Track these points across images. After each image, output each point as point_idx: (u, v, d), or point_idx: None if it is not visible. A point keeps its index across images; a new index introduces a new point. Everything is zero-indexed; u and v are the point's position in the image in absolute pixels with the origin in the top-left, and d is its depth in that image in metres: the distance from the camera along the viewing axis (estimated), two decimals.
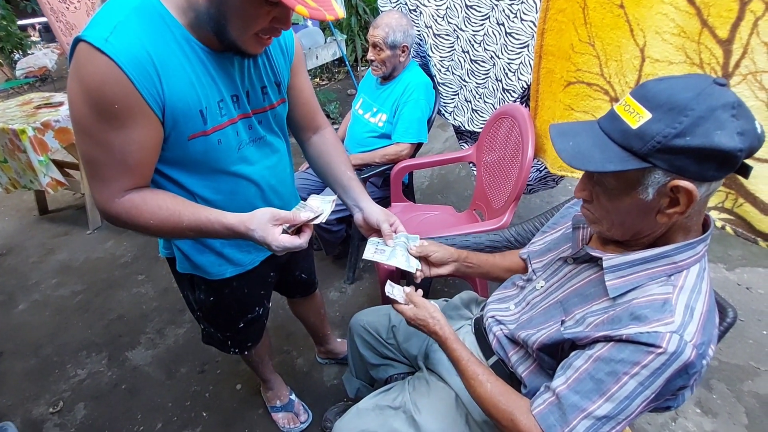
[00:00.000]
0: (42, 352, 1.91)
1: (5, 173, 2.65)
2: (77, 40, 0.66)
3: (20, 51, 6.72)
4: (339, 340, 1.73)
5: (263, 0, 0.66)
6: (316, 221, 0.82)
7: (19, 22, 7.50)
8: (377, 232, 0.97)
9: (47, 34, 8.50)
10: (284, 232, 0.77)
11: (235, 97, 0.83)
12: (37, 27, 9.09)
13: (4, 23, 6.54)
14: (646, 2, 1.00)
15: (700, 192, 0.59)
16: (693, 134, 0.55)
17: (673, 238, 0.68)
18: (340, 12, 0.69)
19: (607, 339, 0.64)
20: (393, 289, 0.92)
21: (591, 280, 0.75)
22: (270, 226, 0.75)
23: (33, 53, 6.75)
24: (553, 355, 0.76)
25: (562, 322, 0.75)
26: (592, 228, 0.77)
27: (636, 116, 0.59)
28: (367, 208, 0.98)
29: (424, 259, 0.98)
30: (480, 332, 0.99)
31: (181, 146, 0.78)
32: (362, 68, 5.13)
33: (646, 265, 0.67)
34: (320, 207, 0.85)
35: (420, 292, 0.93)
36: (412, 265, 0.93)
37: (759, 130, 0.56)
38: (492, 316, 0.96)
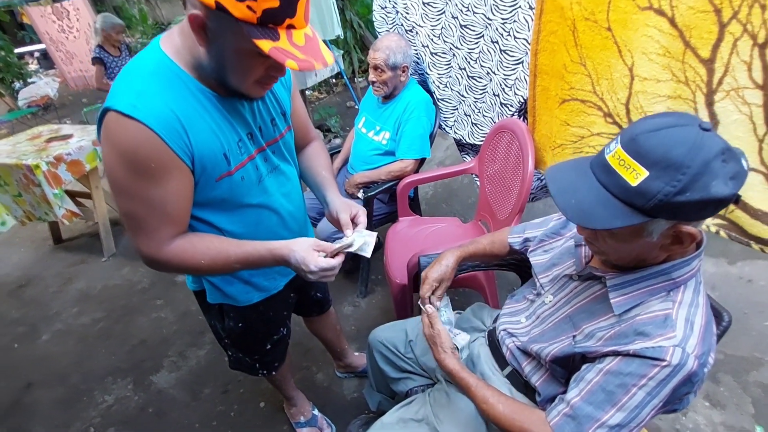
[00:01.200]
0: (69, 381, 1.97)
1: (20, 206, 2.73)
2: (105, 110, 0.72)
3: (21, 80, 6.81)
4: (356, 353, 1.79)
5: (256, 53, 0.69)
6: (350, 249, 0.89)
7: (17, 51, 7.60)
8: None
9: (45, 61, 8.61)
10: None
11: (250, 135, 0.89)
12: (35, 55, 9.21)
13: (3, 54, 6.63)
14: (632, 25, 1.07)
15: (697, 228, 0.65)
16: (692, 189, 0.58)
17: (672, 259, 0.73)
18: (329, 58, 0.72)
19: (616, 353, 0.70)
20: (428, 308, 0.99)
21: (596, 297, 0.81)
22: (311, 251, 0.84)
23: (34, 82, 6.84)
24: (565, 366, 0.82)
25: (574, 337, 0.81)
26: (597, 257, 0.83)
27: (633, 173, 0.61)
28: (332, 202, 1.04)
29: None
30: (494, 344, 1.05)
31: (210, 188, 0.85)
32: (359, 80, 5.22)
33: (646, 281, 0.73)
34: (356, 238, 0.91)
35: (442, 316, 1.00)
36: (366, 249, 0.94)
37: (745, 167, 0.60)
38: (504, 329, 1.02)
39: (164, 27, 9.52)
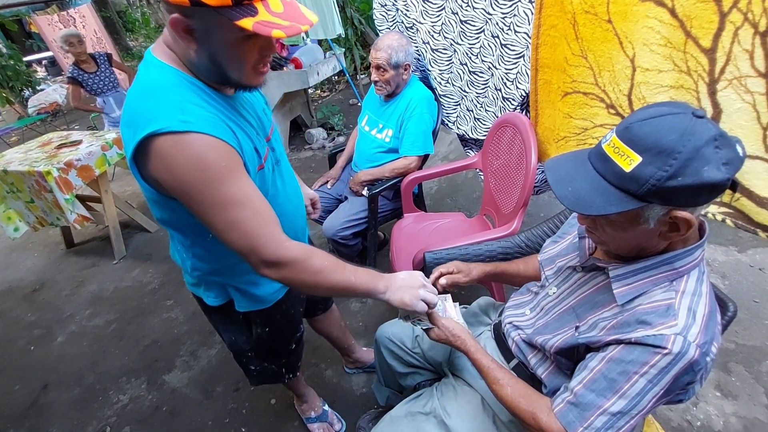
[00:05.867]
0: (84, 381, 2.02)
1: (32, 212, 2.78)
2: (150, 137, 0.69)
3: (30, 88, 6.93)
4: (364, 349, 1.81)
5: (244, 38, 0.70)
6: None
7: (25, 59, 7.73)
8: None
9: (53, 68, 8.75)
10: None
11: (256, 127, 0.91)
12: (43, 62, 9.34)
13: (12, 62, 6.76)
14: (632, 17, 1.06)
15: (695, 214, 0.65)
16: (684, 174, 0.60)
17: (673, 248, 0.74)
18: (312, 17, 0.72)
19: (618, 342, 0.71)
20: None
21: (599, 287, 0.82)
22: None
23: (43, 89, 6.96)
24: (569, 357, 0.83)
25: (577, 327, 0.82)
26: (599, 247, 0.83)
27: (627, 159, 0.63)
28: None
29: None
30: (500, 337, 1.06)
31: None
32: (361, 76, 5.22)
33: (649, 272, 0.74)
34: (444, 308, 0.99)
35: (442, 306, 1.01)
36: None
37: (741, 154, 0.61)
38: (510, 322, 1.02)
39: None
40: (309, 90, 4.28)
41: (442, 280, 1.09)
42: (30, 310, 2.60)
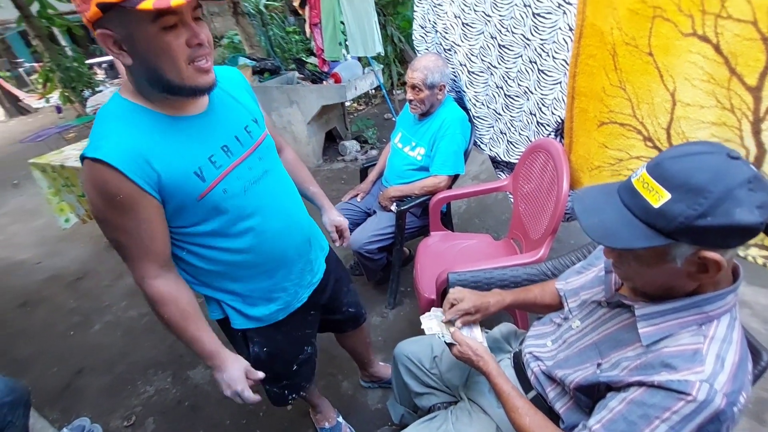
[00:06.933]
0: (115, 370, 2.13)
1: (83, 206, 2.98)
2: (82, 158, 0.80)
3: (90, 89, 7.45)
4: (382, 364, 1.81)
5: (161, 30, 0.73)
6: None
7: (87, 62, 8.34)
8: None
9: (111, 71, 9.38)
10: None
11: (225, 147, 0.91)
12: (103, 66, 10.04)
13: (76, 65, 7.31)
14: (675, 51, 1.05)
15: (726, 257, 0.63)
16: (714, 214, 0.58)
17: (704, 290, 0.71)
18: None
19: (641, 384, 0.69)
20: (431, 327, 1.00)
21: (624, 325, 0.80)
22: (243, 376, 0.99)
23: (101, 90, 7.46)
24: (589, 394, 0.81)
25: (599, 365, 0.80)
26: (624, 283, 0.82)
27: (655, 195, 0.62)
28: (324, 214, 1.33)
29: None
30: (519, 366, 1.05)
31: (196, 209, 0.89)
32: (398, 92, 5.31)
33: (677, 314, 0.71)
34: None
35: (465, 329, 1.01)
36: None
37: None
38: (530, 352, 1.01)
39: (217, 40, 10.11)
40: (346, 103, 4.40)
41: (458, 323, 1.04)
42: (72, 297, 2.77)
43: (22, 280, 3.07)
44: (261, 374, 1.01)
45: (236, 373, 0.97)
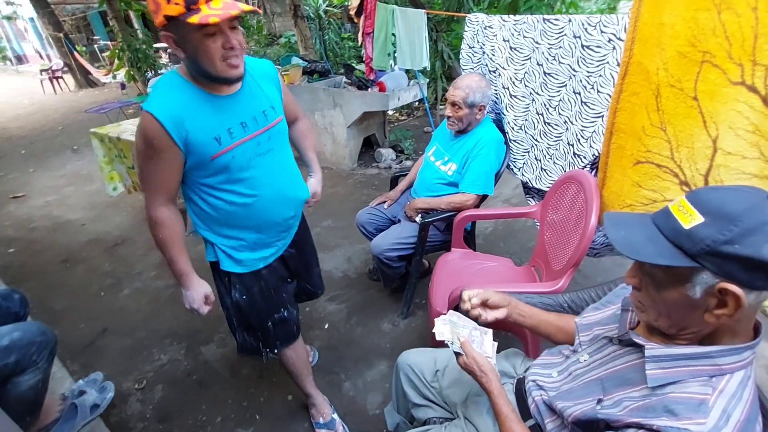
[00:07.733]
0: (136, 335, 2.25)
1: (131, 177, 3.18)
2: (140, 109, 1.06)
3: (153, 71, 7.96)
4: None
5: (203, 35, 0.98)
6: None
7: (155, 45, 8.93)
8: None
9: (174, 57, 9.97)
10: None
11: (243, 123, 1.16)
12: (168, 51, 10.70)
13: (144, 47, 7.84)
14: (721, 98, 1.03)
15: (749, 299, 0.61)
16: (742, 243, 0.58)
17: (720, 338, 0.69)
18: (242, 5, 0.99)
19: (639, 426, 0.67)
20: (443, 333, 1.01)
21: (632, 365, 0.79)
22: (202, 297, 1.29)
23: (162, 72, 7.96)
24: (587, 430, 0.80)
25: (599, 401, 0.79)
26: (639, 317, 0.81)
27: (689, 217, 0.64)
28: (310, 177, 1.55)
29: (482, 303, 1.08)
30: (521, 393, 1.04)
31: (209, 165, 1.14)
32: (441, 107, 5.35)
33: (688, 361, 0.70)
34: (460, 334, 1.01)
35: (479, 339, 1.02)
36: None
37: None
38: (534, 380, 1.00)
39: (276, 38, 10.54)
40: (388, 112, 4.48)
41: (472, 332, 1.04)
42: (108, 260, 2.96)
43: (68, 239, 3.30)
44: (208, 308, 1.32)
45: (197, 294, 1.28)
